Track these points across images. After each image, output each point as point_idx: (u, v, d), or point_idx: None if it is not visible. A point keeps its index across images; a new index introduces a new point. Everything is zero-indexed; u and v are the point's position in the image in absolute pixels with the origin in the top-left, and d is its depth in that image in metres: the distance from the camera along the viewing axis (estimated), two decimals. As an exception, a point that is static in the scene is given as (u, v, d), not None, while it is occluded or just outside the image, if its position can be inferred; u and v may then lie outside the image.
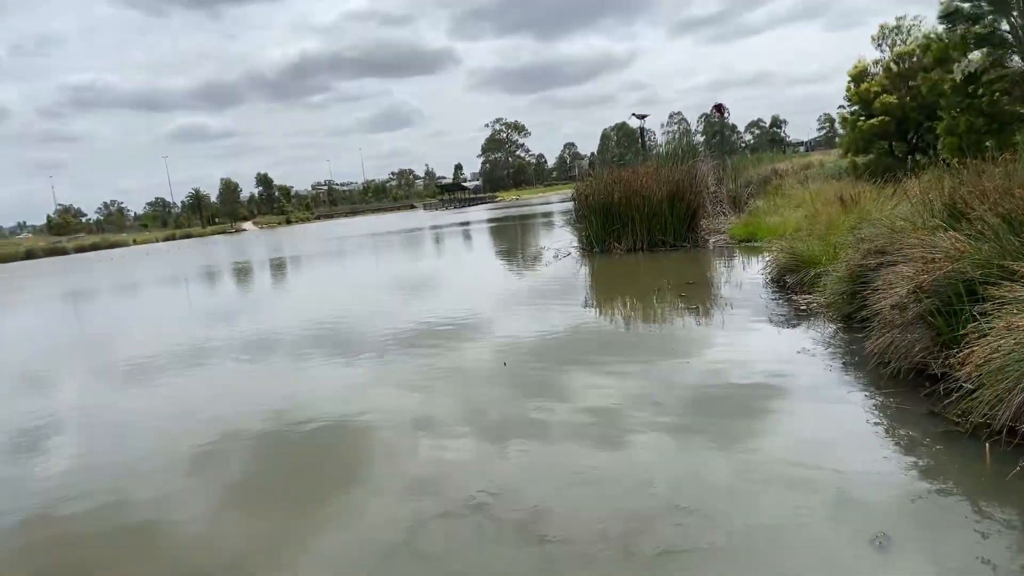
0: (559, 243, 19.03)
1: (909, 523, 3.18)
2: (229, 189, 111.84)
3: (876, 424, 4.34)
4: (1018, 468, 3.42)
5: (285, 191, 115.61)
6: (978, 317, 4.10)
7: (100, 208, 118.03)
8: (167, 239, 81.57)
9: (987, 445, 3.69)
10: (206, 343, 9.77)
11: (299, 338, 9.25)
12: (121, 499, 4.36)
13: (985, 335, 3.87)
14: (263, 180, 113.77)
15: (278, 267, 24.68)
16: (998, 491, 3.37)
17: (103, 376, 8.33)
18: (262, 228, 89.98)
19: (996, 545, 2.93)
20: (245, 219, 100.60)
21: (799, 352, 6.03)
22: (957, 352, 4.08)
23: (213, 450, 5.13)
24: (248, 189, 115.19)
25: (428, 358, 7.15)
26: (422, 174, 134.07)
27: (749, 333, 6.97)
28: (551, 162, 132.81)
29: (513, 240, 25.30)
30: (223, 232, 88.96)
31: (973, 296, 4.43)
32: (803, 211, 12.16)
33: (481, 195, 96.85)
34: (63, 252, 69.16)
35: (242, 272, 24.26)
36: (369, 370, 6.99)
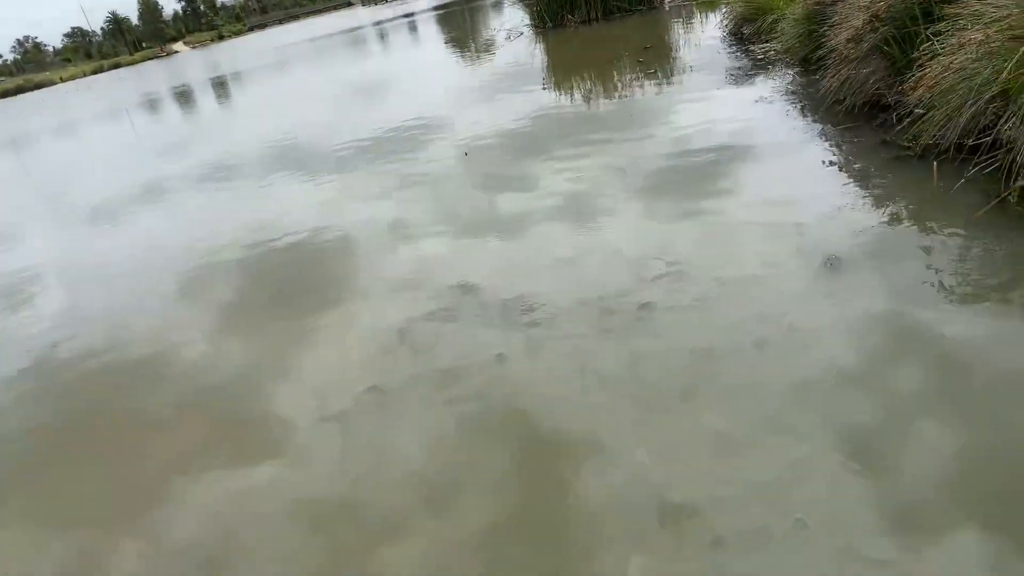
0: (510, 23, 18.02)
1: (863, 245, 3.40)
2: (149, 8, 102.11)
3: (832, 160, 4.48)
4: (963, 180, 3.61)
5: (211, 3, 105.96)
6: (932, 38, 4.08)
7: (14, 47, 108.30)
8: (95, 72, 75.86)
9: (935, 164, 3.85)
10: (164, 176, 9.53)
11: (258, 160, 9.03)
12: (116, 337, 4.50)
13: (938, 55, 3.88)
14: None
15: (221, 87, 23.33)
16: (944, 205, 3.58)
17: (69, 223, 8.21)
18: (195, 48, 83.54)
19: (941, 255, 3.18)
20: (174, 40, 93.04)
21: (758, 101, 6.03)
22: (910, 77, 4.11)
23: (196, 278, 5.22)
24: (170, 6, 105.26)
25: (392, 164, 7.07)
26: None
27: (708, 91, 6.90)
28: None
29: (462, 27, 23.84)
30: (154, 57, 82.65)
31: (929, 18, 4.37)
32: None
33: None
34: (-15, 100, 64.50)
35: (184, 97, 22.96)
36: (335, 184, 6.92)
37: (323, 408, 3.17)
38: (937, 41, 4.01)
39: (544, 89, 9.23)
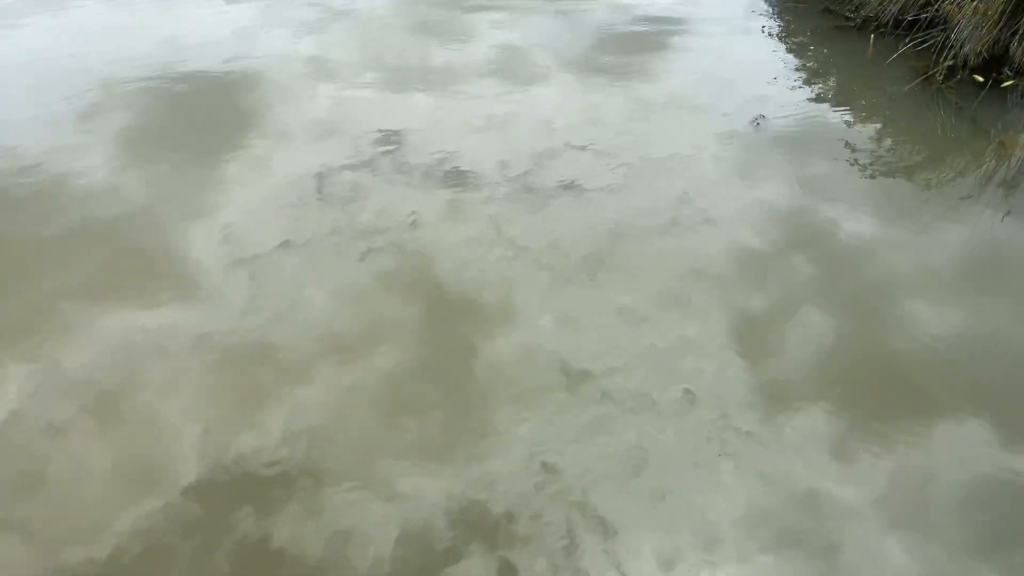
0: None
1: (788, 105, 3.38)
2: None
3: (773, 29, 4.34)
4: (896, 55, 3.57)
5: None
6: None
7: None
8: None
9: (872, 37, 3.79)
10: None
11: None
12: (6, 159, 4.15)
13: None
14: None
15: None
16: (875, 78, 3.56)
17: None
18: None
19: (861, 131, 3.20)
20: None
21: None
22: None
23: (93, 100, 4.77)
24: None
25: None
26: None
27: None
28: None
29: None
30: None
31: None
32: None
33: None
34: None
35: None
36: (256, 9, 6.31)
37: (233, 251, 3.03)
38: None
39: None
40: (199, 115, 4.42)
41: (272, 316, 2.65)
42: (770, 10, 4.62)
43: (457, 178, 3.35)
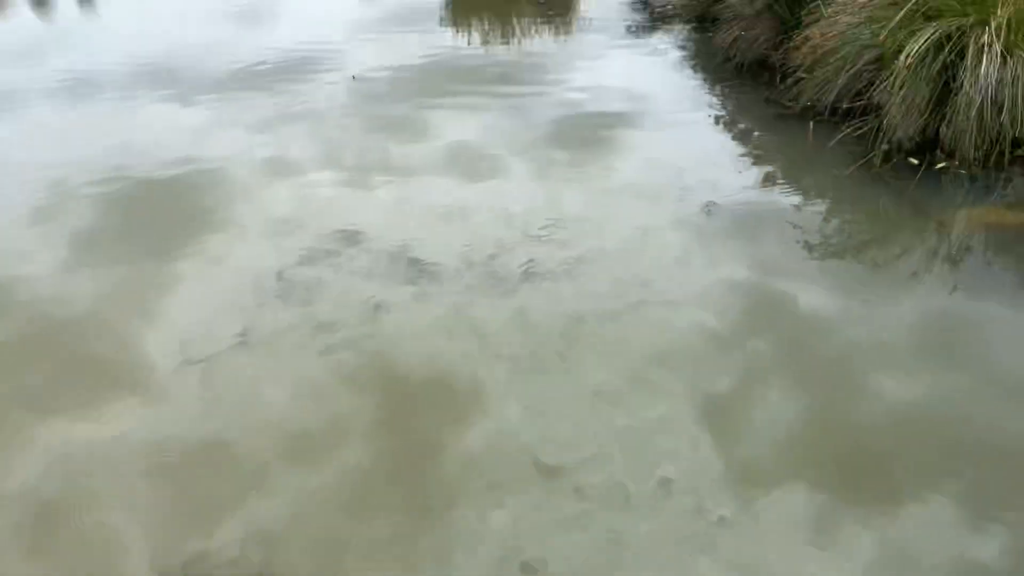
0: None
1: (737, 189, 3.50)
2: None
3: (719, 117, 4.57)
4: (835, 141, 3.76)
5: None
6: (819, 2, 4.18)
7: None
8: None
9: (811, 124, 4.00)
10: (12, 83, 8.49)
11: (126, 77, 8.16)
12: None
13: (822, 17, 3.99)
14: None
15: None
16: (816, 163, 3.74)
17: None
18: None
19: (807, 213, 3.33)
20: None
21: (653, 54, 6.06)
22: (795, 39, 4.22)
23: (47, 202, 4.68)
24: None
25: (274, 94, 6.56)
26: None
27: (607, 42, 6.83)
28: None
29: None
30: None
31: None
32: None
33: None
34: None
35: None
36: (211, 111, 6.38)
37: (186, 351, 2.94)
38: (823, 4, 4.12)
39: (441, 28, 8.89)
40: (152, 216, 4.35)
41: (225, 421, 2.55)
42: (714, 100, 4.86)
43: (418, 270, 3.34)
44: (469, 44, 8.06)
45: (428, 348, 2.80)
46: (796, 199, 3.46)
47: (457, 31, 8.77)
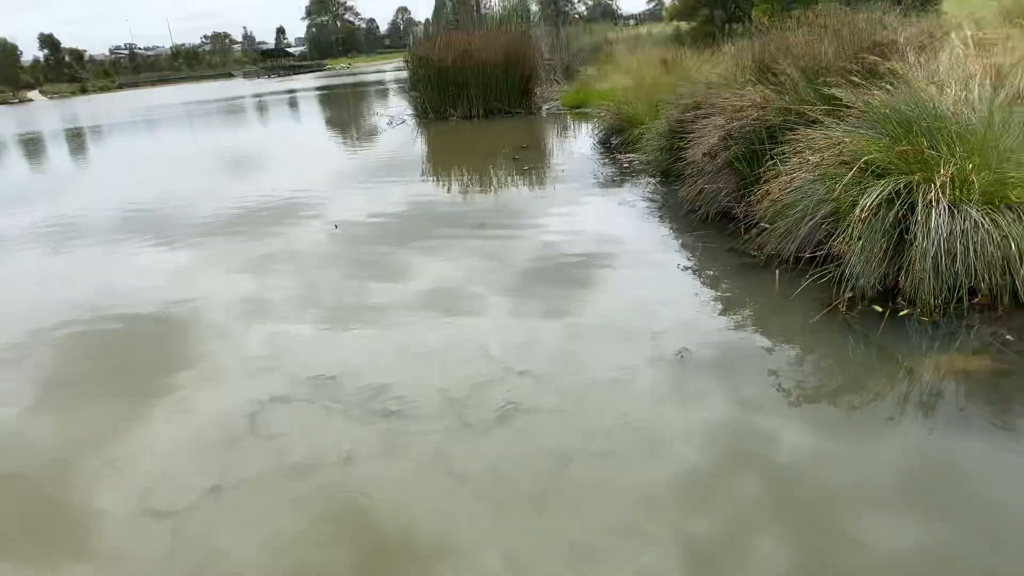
0: (394, 110, 18.35)
1: (708, 343, 3.54)
2: (6, 52, 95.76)
3: (686, 265, 4.72)
4: (800, 289, 3.87)
5: (77, 55, 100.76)
6: (776, 159, 4.48)
7: None
8: (-68, 113, 69.39)
9: (777, 272, 4.14)
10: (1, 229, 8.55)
11: (111, 223, 8.28)
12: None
13: (779, 175, 4.25)
14: (48, 41, 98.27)
15: (76, 139, 21.82)
16: (783, 310, 3.83)
17: None
18: (52, 98, 78.46)
19: (779, 358, 3.36)
20: (30, 87, 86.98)
21: (621, 205, 6.36)
22: (756, 192, 4.47)
23: (22, 345, 4.55)
24: (30, 52, 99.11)
25: (257, 240, 6.67)
26: (240, 39, 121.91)
27: (577, 194, 7.20)
28: (384, 28, 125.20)
29: (345, 109, 24.02)
30: (5, 103, 76.91)
31: (774, 141, 4.81)
32: (631, 77, 12.47)
33: (308, 63, 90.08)
34: None
35: (32, 145, 21.24)
36: (193, 255, 6.44)
37: (147, 502, 2.75)
38: (780, 161, 4.40)
39: (422, 179, 9.30)
40: (128, 359, 4.26)
41: (190, 571, 2.35)
42: (682, 248, 5.05)
43: (393, 412, 3.26)
44: (449, 193, 8.40)
45: (403, 493, 2.68)
46: (768, 344, 3.51)
47: (437, 181, 9.17)
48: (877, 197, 3.62)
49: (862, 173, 3.78)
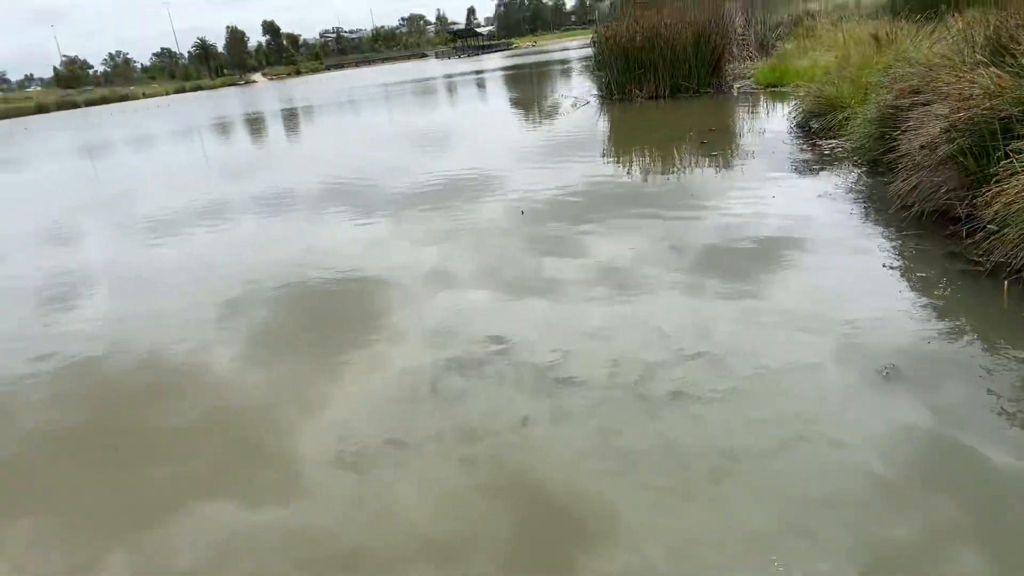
0: (578, 91, 18.38)
1: (919, 357, 3.23)
2: (236, 39, 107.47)
3: (893, 265, 4.32)
4: (1034, 305, 3.42)
5: (293, 40, 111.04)
6: (1011, 155, 3.95)
7: (106, 60, 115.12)
8: (177, 92, 79.81)
9: (1006, 284, 3.68)
10: (225, 198, 9.79)
11: (316, 193, 9.21)
12: (151, 350, 4.51)
13: (1016, 173, 3.75)
14: (270, 28, 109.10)
15: (291, 119, 24.20)
16: (1011, 328, 3.40)
17: (127, 232, 8.41)
18: (272, 79, 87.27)
19: (1003, 380, 2.99)
20: (254, 70, 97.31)
21: (820, 196, 5.93)
22: (985, 192, 3.98)
23: (236, 301, 5.24)
24: (255, 38, 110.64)
25: (444, 213, 7.11)
26: (433, 20, 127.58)
27: (769, 180, 6.82)
28: (570, 4, 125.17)
29: (530, 89, 24.43)
30: (233, 84, 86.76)
31: (1009, 135, 4.25)
32: (835, 53, 11.51)
33: (495, 42, 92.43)
34: (74, 105, 68.01)
35: (255, 124, 23.85)
36: (386, 225, 6.99)
37: (339, 451, 3.08)
38: (1017, 158, 3.88)
39: (604, 159, 9.27)
40: (326, 318, 4.77)
41: (366, 524, 2.61)
42: (889, 246, 4.62)
43: (566, 385, 3.35)
44: (630, 175, 8.31)
45: (570, 466, 2.76)
46: (990, 363, 3.13)
47: (619, 162, 9.10)
48: None
49: None
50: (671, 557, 2.25)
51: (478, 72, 38.43)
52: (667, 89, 14.25)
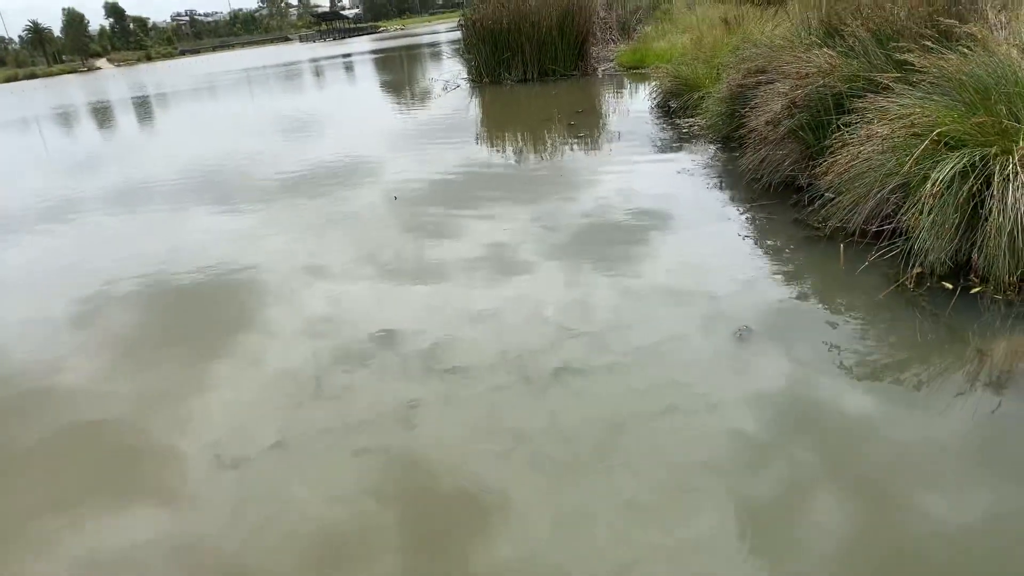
0: (448, 75, 18.30)
1: (770, 318, 3.52)
2: (74, 21, 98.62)
3: (747, 235, 4.66)
4: (866, 263, 3.80)
5: (141, 23, 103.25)
6: (843, 128, 4.35)
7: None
8: (8, 80, 72.36)
9: (842, 246, 4.06)
10: (74, 194, 9.02)
11: (176, 186, 8.67)
12: (1, 360, 4.15)
13: (847, 144, 4.13)
14: (113, 10, 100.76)
15: (143, 107, 22.55)
16: (849, 285, 3.76)
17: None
18: (119, 66, 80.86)
19: (843, 334, 3.32)
20: (98, 56, 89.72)
21: (680, 172, 6.27)
22: (822, 163, 4.36)
23: (91, 305, 4.88)
24: (96, 21, 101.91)
25: (316, 202, 6.92)
26: (295, 2, 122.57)
27: (634, 158, 7.13)
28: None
29: (400, 73, 24.05)
30: (74, 71, 79.69)
31: (841, 109, 4.67)
32: (690, 36, 12.12)
33: (362, 25, 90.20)
34: None
35: (103, 113, 22.06)
36: (255, 217, 6.70)
37: (218, 454, 2.96)
38: (847, 131, 4.27)
39: (476, 142, 9.33)
40: (195, 318, 4.51)
41: (253, 528, 2.53)
42: (742, 216, 4.97)
43: (451, 370, 3.38)
44: (503, 157, 8.41)
45: (459, 451, 2.80)
46: (831, 319, 3.46)
47: (491, 146, 9.19)
48: (950, 171, 3.49)
49: (935, 146, 3.65)
50: (561, 530, 2.34)
51: (345, 56, 37.37)
52: (535, 72, 14.49)
